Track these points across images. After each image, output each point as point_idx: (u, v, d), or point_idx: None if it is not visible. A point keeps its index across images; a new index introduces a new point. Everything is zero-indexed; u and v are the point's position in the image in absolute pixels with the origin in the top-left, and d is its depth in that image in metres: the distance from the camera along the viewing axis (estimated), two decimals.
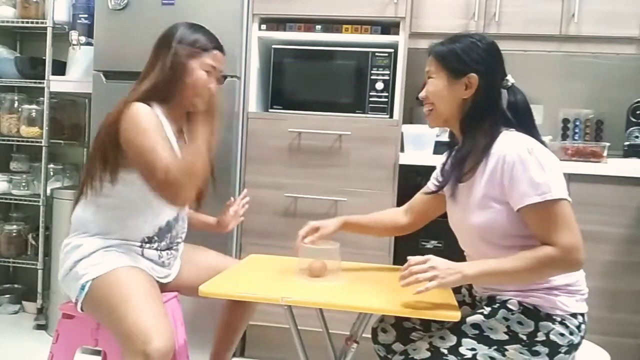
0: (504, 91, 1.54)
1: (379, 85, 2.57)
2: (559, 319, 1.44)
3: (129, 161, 1.65)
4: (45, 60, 3.02)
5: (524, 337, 1.43)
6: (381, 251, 2.53)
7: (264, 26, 2.65)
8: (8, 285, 3.41)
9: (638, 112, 2.73)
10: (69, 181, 3.25)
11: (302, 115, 2.61)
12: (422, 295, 1.39)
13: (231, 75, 2.54)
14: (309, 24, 2.62)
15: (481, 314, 1.49)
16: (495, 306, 1.49)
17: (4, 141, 3.16)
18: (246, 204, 2.08)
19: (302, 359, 1.57)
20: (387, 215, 1.89)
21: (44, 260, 3.06)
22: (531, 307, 1.45)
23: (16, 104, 3.14)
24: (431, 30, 2.68)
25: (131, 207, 1.71)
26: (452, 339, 1.44)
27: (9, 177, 3.17)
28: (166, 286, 1.86)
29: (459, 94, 1.53)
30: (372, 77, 2.58)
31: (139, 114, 1.63)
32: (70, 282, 1.69)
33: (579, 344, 1.48)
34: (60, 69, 3.07)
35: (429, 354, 1.44)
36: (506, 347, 1.42)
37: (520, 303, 1.46)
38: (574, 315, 1.46)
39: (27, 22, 3.07)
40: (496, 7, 2.62)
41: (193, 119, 1.73)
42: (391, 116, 2.58)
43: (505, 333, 1.43)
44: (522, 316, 1.45)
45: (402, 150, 2.58)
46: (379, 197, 2.53)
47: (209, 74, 1.75)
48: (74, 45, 2.94)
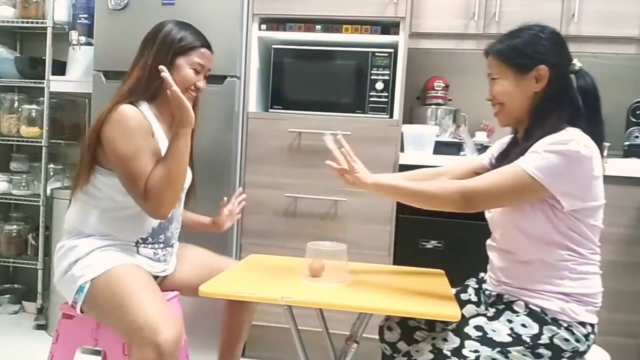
0: (573, 76, 1.51)
1: (379, 85, 2.57)
2: (565, 324, 1.43)
3: (112, 165, 1.65)
4: (45, 60, 3.02)
5: (528, 340, 1.42)
6: (381, 251, 2.53)
7: (264, 26, 2.65)
8: (8, 285, 3.41)
9: (638, 112, 2.73)
10: (69, 181, 3.25)
11: (302, 115, 2.61)
12: (423, 295, 1.42)
13: (231, 75, 2.55)
14: (309, 24, 2.62)
15: (485, 315, 1.49)
16: (500, 307, 1.49)
17: (4, 141, 3.16)
18: (242, 201, 2.07)
19: (302, 359, 1.57)
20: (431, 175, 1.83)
21: (44, 260, 3.06)
22: (538, 310, 1.44)
23: (16, 104, 3.14)
24: (431, 30, 2.68)
25: (122, 209, 1.70)
26: (455, 340, 1.43)
27: (9, 177, 3.17)
28: (164, 282, 1.86)
29: (530, 88, 1.51)
30: (372, 77, 2.58)
31: (124, 118, 1.62)
32: (67, 285, 1.68)
33: (584, 352, 1.46)
34: (60, 69, 3.07)
35: (432, 355, 1.44)
36: (509, 349, 1.41)
37: (527, 305, 1.46)
38: (582, 324, 1.44)
39: (27, 22, 3.07)
40: (496, 7, 2.62)
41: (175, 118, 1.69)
42: (391, 116, 2.58)
43: (509, 335, 1.43)
44: (527, 318, 1.44)
45: (402, 150, 2.58)
46: (379, 197, 2.53)
47: (196, 72, 1.75)
48: (74, 45, 2.94)
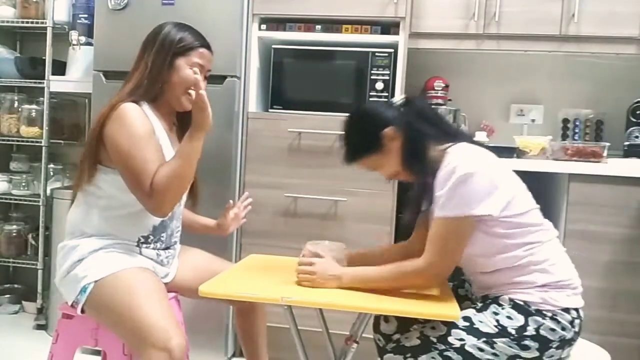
0: (404, 109, 1.60)
1: (379, 85, 2.57)
2: (549, 314, 1.45)
3: (114, 163, 1.65)
4: (45, 60, 3.02)
5: (513, 332, 1.44)
6: None
7: (264, 26, 2.65)
8: (8, 285, 3.41)
9: (638, 112, 2.73)
10: (69, 181, 3.25)
11: (302, 115, 2.61)
12: (422, 295, 1.46)
13: (231, 75, 2.55)
14: (309, 24, 2.62)
15: (474, 308, 1.53)
16: (488, 302, 1.53)
17: (4, 141, 3.16)
18: (249, 205, 2.06)
19: (302, 359, 1.57)
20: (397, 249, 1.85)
21: (44, 260, 3.06)
22: (521, 303, 1.47)
23: (16, 104, 3.14)
24: (431, 30, 2.68)
25: (123, 207, 1.69)
26: (442, 329, 1.47)
27: (9, 177, 3.17)
28: (166, 286, 1.84)
29: (394, 150, 1.59)
30: (372, 77, 2.58)
31: (127, 115, 1.61)
32: (69, 285, 1.67)
33: (572, 339, 1.49)
34: (60, 69, 3.07)
35: (418, 341, 1.48)
36: (495, 340, 1.44)
37: (510, 299, 1.49)
38: (566, 310, 1.47)
39: (27, 22, 3.07)
40: (496, 7, 2.62)
41: (191, 120, 1.68)
42: None
43: (495, 327, 1.45)
44: (513, 311, 1.47)
45: None
46: (379, 197, 2.53)
47: (196, 73, 1.72)
48: (74, 45, 2.94)
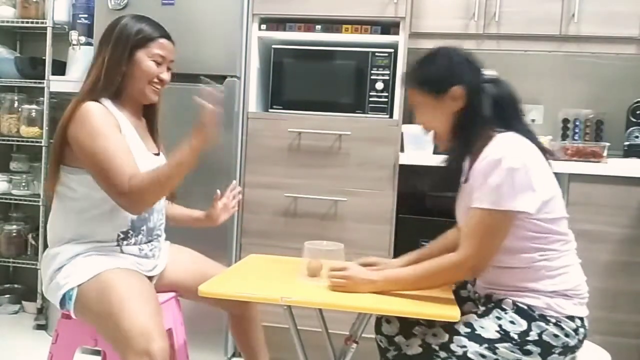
0: (487, 85, 1.55)
1: (379, 85, 2.57)
2: (553, 320, 1.44)
3: (82, 164, 1.61)
4: (45, 60, 3.02)
5: (515, 337, 1.43)
6: (381, 251, 2.52)
7: (264, 26, 2.65)
8: (8, 285, 3.40)
9: (638, 112, 2.73)
10: None
11: (302, 115, 2.61)
12: (422, 295, 1.46)
13: (231, 75, 2.55)
14: (309, 24, 2.62)
15: (475, 313, 1.51)
16: (490, 305, 1.51)
17: (4, 141, 3.16)
18: (239, 193, 2.00)
19: (301, 359, 1.57)
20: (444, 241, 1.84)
21: None
22: (525, 307, 1.46)
23: (16, 104, 3.14)
24: (431, 30, 2.68)
25: (98, 206, 1.65)
26: (444, 336, 1.46)
27: (9, 177, 3.17)
28: (159, 282, 1.81)
29: (450, 109, 1.54)
30: (372, 77, 2.57)
31: (87, 114, 1.58)
32: (52, 293, 1.66)
33: (575, 346, 1.48)
34: (60, 69, 3.07)
35: (420, 349, 1.47)
36: (497, 345, 1.43)
37: (514, 303, 1.47)
38: (570, 318, 1.46)
39: (27, 22, 3.07)
40: (496, 7, 2.61)
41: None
42: (391, 116, 2.57)
43: (497, 332, 1.44)
44: (515, 315, 1.46)
45: (402, 150, 2.58)
46: (379, 197, 2.53)
47: (158, 64, 1.71)
48: (74, 45, 2.94)
